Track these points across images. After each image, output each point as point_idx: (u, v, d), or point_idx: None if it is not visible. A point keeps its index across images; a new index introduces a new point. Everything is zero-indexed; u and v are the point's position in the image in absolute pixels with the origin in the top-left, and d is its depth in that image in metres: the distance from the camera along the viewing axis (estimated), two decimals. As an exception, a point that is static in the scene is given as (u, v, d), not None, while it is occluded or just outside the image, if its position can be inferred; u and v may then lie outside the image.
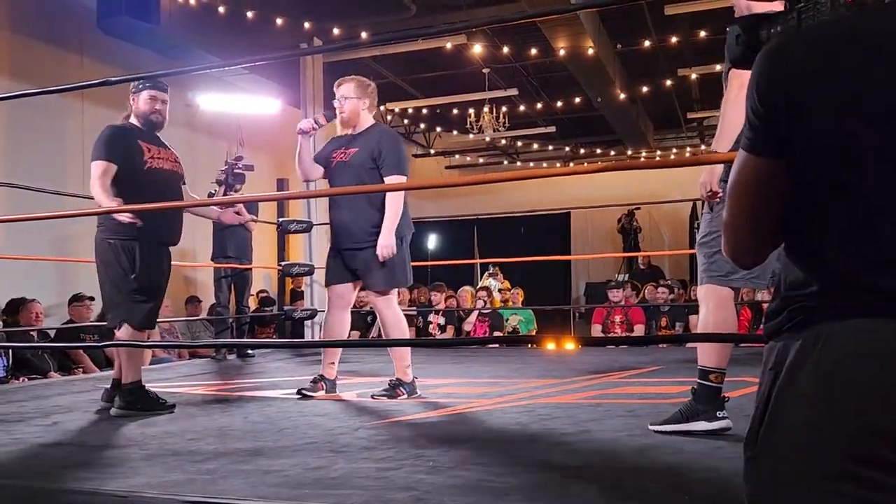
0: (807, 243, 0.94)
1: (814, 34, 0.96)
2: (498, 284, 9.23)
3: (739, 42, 1.18)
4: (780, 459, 0.89)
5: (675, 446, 2.35)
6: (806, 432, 0.86)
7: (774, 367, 0.92)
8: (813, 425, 0.86)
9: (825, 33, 0.94)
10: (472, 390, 3.82)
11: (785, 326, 0.93)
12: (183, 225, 3.47)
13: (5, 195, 5.76)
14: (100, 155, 3.23)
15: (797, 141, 0.91)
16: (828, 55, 0.90)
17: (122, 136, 3.31)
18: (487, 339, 7.83)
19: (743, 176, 0.99)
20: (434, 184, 10.66)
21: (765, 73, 0.94)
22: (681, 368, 4.49)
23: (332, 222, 3.64)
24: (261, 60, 7.13)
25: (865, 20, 0.93)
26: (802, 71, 0.91)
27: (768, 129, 0.94)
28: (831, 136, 0.88)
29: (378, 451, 2.39)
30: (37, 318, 5.57)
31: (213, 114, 8.33)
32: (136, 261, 3.24)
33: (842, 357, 0.86)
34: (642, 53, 8.79)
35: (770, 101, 0.93)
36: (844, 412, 0.84)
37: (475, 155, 13.32)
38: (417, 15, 7.57)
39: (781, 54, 0.94)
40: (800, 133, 0.91)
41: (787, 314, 0.93)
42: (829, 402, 0.85)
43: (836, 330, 0.87)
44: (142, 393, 3.24)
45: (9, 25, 6.51)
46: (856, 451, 0.82)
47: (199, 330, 7.34)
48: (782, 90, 0.92)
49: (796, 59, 0.92)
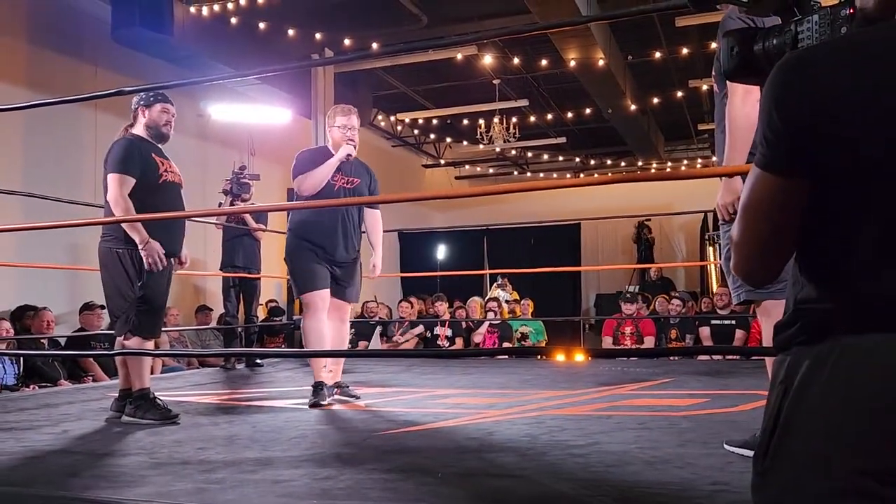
0: (826, 261, 0.91)
1: (835, 48, 0.93)
2: (507, 295, 9.21)
3: (734, 55, 1.16)
4: (791, 475, 0.87)
5: (685, 460, 2.33)
6: (817, 447, 0.85)
7: (785, 380, 0.91)
8: (824, 440, 0.85)
9: (847, 47, 0.91)
10: (481, 401, 3.81)
11: (796, 340, 0.92)
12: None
13: (19, 203, 5.80)
14: (118, 168, 3.23)
15: (823, 159, 0.88)
16: (854, 70, 0.87)
17: (139, 150, 3.31)
18: (497, 350, 7.81)
19: (758, 195, 0.96)
20: (444, 194, 10.66)
21: (786, 90, 0.90)
22: (691, 381, 4.46)
23: (327, 237, 3.76)
24: (273, 71, 7.19)
25: (883, 33, 0.90)
26: (829, 87, 0.87)
27: (790, 148, 0.90)
28: (860, 153, 0.85)
29: (386, 462, 2.38)
30: (48, 326, 5.60)
31: (224, 124, 8.39)
32: (143, 270, 3.24)
33: (855, 371, 0.84)
34: (653, 65, 8.79)
35: (793, 118, 0.89)
36: (857, 428, 0.83)
37: (485, 165, 13.34)
38: (429, 26, 7.61)
39: (803, 70, 0.90)
40: (826, 152, 0.87)
41: (800, 327, 0.92)
42: (842, 417, 0.84)
43: (851, 344, 0.86)
44: (151, 400, 3.25)
45: (25, 36, 6.59)
46: (869, 466, 0.81)
47: (209, 339, 7.37)
48: (806, 107, 0.88)
49: (821, 74, 0.88)
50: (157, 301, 3.32)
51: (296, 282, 3.82)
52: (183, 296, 7.96)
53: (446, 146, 12.81)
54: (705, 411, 3.30)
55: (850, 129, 0.86)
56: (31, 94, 6.23)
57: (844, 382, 0.85)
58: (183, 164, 3.41)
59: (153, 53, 6.80)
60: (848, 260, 0.88)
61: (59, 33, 6.77)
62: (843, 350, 0.86)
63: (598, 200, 10.05)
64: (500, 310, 8.38)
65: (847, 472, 0.82)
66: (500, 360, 6.44)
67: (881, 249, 0.86)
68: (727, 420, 2.99)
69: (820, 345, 0.88)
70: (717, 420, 3.04)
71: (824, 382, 0.86)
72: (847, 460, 0.82)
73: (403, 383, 4.67)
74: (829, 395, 0.85)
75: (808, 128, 0.88)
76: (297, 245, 3.76)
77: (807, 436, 0.86)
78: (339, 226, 3.79)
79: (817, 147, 0.88)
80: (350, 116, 3.86)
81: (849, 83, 0.86)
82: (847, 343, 0.86)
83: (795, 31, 1.09)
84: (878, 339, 0.84)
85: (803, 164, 0.89)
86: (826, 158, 0.88)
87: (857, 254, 0.88)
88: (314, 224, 3.75)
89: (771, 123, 0.91)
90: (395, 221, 10.62)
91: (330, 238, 3.76)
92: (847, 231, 0.88)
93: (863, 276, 0.87)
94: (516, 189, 2.93)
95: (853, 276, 0.88)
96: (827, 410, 0.85)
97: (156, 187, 3.30)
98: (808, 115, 0.88)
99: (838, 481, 0.82)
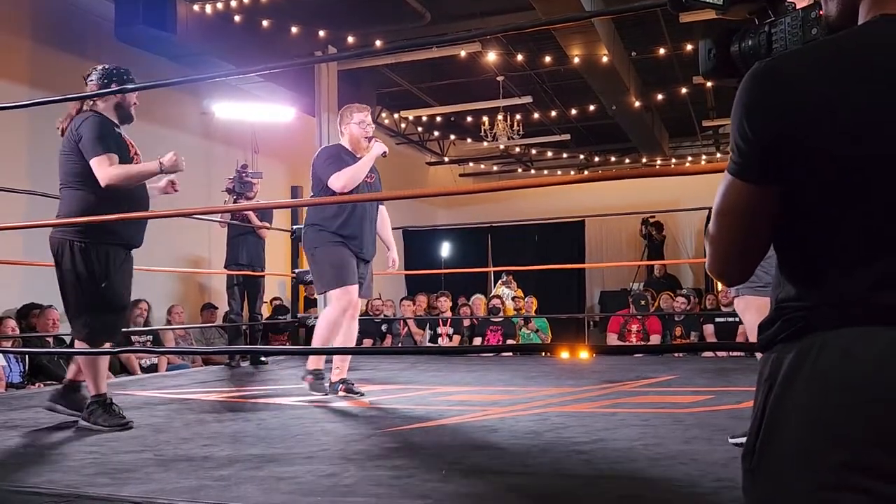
0: (803, 263, 0.93)
1: (804, 56, 0.93)
2: (511, 293, 9.20)
3: (711, 56, 1.18)
4: (778, 471, 0.88)
5: (690, 456, 2.32)
6: (802, 443, 0.85)
7: (769, 378, 0.91)
8: (809, 435, 0.85)
9: (816, 56, 0.91)
10: (485, 398, 3.81)
11: (779, 337, 0.92)
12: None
13: (24, 202, 5.82)
14: (102, 147, 2.94)
15: (793, 168, 0.89)
16: (823, 78, 0.87)
17: (111, 129, 3.05)
18: (502, 348, 7.80)
19: (730, 200, 0.96)
20: (448, 191, 10.66)
21: (757, 98, 0.91)
22: (696, 378, 4.45)
23: (358, 232, 3.80)
24: (276, 68, 7.18)
25: (850, 41, 0.91)
26: (798, 95, 0.88)
27: (760, 157, 0.91)
28: (830, 161, 0.86)
29: (390, 459, 2.38)
30: (53, 325, 5.62)
31: (228, 122, 8.39)
32: (108, 267, 2.96)
33: (837, 366, 0.85)
34: (657, 61, 8.76)
35: (762, 127, 0.90)
36: (840, 421, 0.83)
37: (489, 163, 13.32)
38: (432, 23, 7.59)
39: (773, 79, 0.90)
40: (796, 160, 0.88)
41: (781, 324, 0.93)
42: (825, 412, 0.84)
43: (831, 338, 0.86)
44: (107, 406, 3.01)
45: (29, 35, 6.60)
46: (853, 460, 0.81)
47: (214, 337, 7.38)
48: (776, 116, 0.89)
49: (790, 83, 0.89)
50: (119, 301, 3.05)
51: (324, 276, 3.77)
52: (188, 293, 7.97)
53: (450, 143, 12.80)
54: (710, 408, 3.30)
55: (819, 138, 0.86)
56: (35, 92, 6.24)
57: (826, 377, 0.85)
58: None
59: (156, 51, 6.80)
60: (824, 259, 0.89)
61: (63, 31, 6.78)
62: (823, 346, 0.86)
63: (603, 197, 10.03)
64: (503, 307, 8.38)
65: (831, 466, 0.82)
66: (505, 357, 6.44)
67: (855, 249, 0.87)
68: (732, 416, 2.99)
69: (800, 341, 0.89)
70: (722, 416, 3.04)
71: (806, 378, 0.86)
72: (831, 454, 0.82)
73: (408, 380, 4.68)
74: (811, 391, 0.86)
75: (777, 137, 0.89)
76: (328, 238, 3.74)
77: (791, 432, 0.87)
78: (367, 222, 3.84)
79: (787, 156, 0.89)
80: (367, 113, 3.94)
81: (818, 92, 0.87)
82: (827, 338, 0.86)
83: (769, 31, 1.11)
84: (857, 332, 0.85)
85: (773, 172, 0.90)
86: (796, 167, 0.89)
87: (832, 254, 0.89)
88: (345, 219, 3.75)
89: (741, 132, 0.92)
90: (400, 219, 10.61)
91: (360, 233, 3.80)
92: (822, 232, 0.89)
93: (840, 274, 0.88)
94: (520, 186, 2.95)
95: (830, 275, 0.89)
96: (809, 406, 0.85)
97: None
98: (778, 124, 0.89)
99: (823, 475, 0.82)
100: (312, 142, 8.24)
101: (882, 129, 0.84)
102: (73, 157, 3.01)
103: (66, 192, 3.03)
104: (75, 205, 2.99)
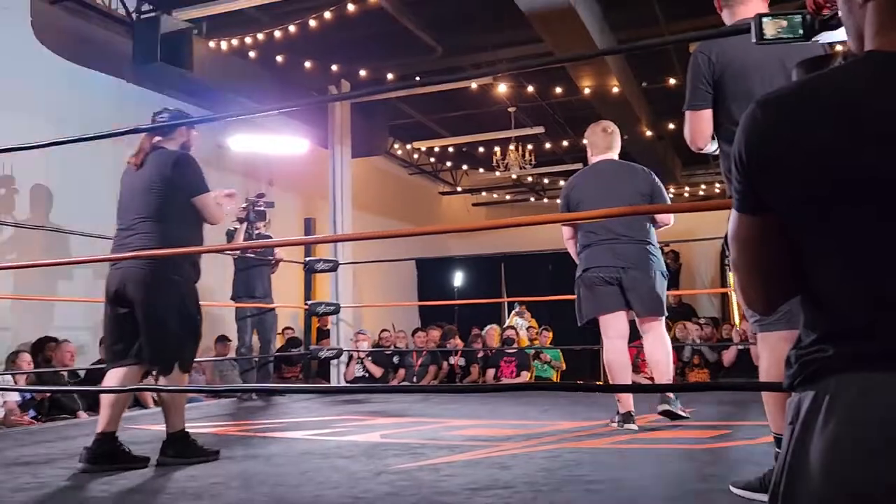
0: (810, 294, 0.92)
1: (802, 90, 0.96)
2: (525, 323, 9.15)
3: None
4: None
5: (706, 497, 2.27)
6: (816, 489, 0.84)
7: (792, 421, 0.91)
8: (822, 481, 0.83)
9: (812, 88, 0.93)
10: (498, 432, 3.76)
11: (797, 380, 0.92)
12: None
13: (40, 238, 5.90)
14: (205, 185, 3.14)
15: (775, 200, 0.92)
16: (817, 111, 0.89)
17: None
18: (516, 386, 7.74)
19: (737, 229, 0.99)
20: (462, 228, 10.70)
21: (750, 132, 0.94)
22: (713, 412, 4.38)
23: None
24: (292, 107, 7.32)
25: (849, 73, 0.92)
26: (769, 131, 0.91)
27: (753, 189, 0.94)
28: (823, 196, 0.87)
29: (400, 498, 2.35)
30: (71, 359, 5.63)
31: (243, 154, 8.49)
32: (196, 298, 3.10)
33: (851, 411, 0.83)
34: (668, 90, 8.78)
35: (742, 161, 0.94)
36: (851, 467, 0.81)
37: (502, 192, 13.35)
38: (444, 56, 7.68)
39: (752, 116, 0.94)
40: (775, 192, 0.91)
41: (798, 366, 0.92)
42: (837, 457, 0.82)
43: (843, 385, 0.85)
44: (192, 441, 3.11)
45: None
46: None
47: (227, 369, 7.37)
48: (753, 151, 0.93)
49: (784, 116, 0.92)
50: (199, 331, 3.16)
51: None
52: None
53: (463, 174, 12.85)
54: (726, 443, 3.24)
55: (809, 171, 0.87)
56: (54, 129, 6.34)
57: (840, 422, 0.83)
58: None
59: (173, 87, 6.91)
60: (837, 299, 0.89)
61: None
62: (835, 392, 0.85)
63: (616, 226, 9.98)
64: (517, 338, 8.32)
65: None
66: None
67: (863, 290, 0.86)
68: (747, 453, 2.93)
69: (815, 384, 0.88)
70: (738, 452, 2.98)
71: (821, 422, 0.85)
72: (844, 502, 0.81)
73: (420, 413, 4.64)
74: (826, 436, 0.84)
75: (756, 171, 0.92)
76: None
77: (808, 478, 0.85)
78: None
79: (768, 190, 0.91)
80: None
81: (811, 125, 0.88)
82: (839, 383, 0.85)
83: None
84: (870, 378, 0.83)
85: (768, 204, 0.93)
86: (781, 201, 0.91)
87: (844, 293, 0.88)
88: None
89: (736, 163, 0.95)
90: (413, 250, 10.64)
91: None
92: (829, 270, 0.89)
93: (853, 316, 0.87)
94: (533, 222, 2.94)
95: (844, 317, 0.88)
96: (824, 451, 0.84)
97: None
98: (756, 159, 0.92)
99: None
100: (325, 174, 8.31)
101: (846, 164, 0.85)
102: (164, 191, 3.04)
103: (155, 227, 3.01)
104: (168, 241, 2.97)
